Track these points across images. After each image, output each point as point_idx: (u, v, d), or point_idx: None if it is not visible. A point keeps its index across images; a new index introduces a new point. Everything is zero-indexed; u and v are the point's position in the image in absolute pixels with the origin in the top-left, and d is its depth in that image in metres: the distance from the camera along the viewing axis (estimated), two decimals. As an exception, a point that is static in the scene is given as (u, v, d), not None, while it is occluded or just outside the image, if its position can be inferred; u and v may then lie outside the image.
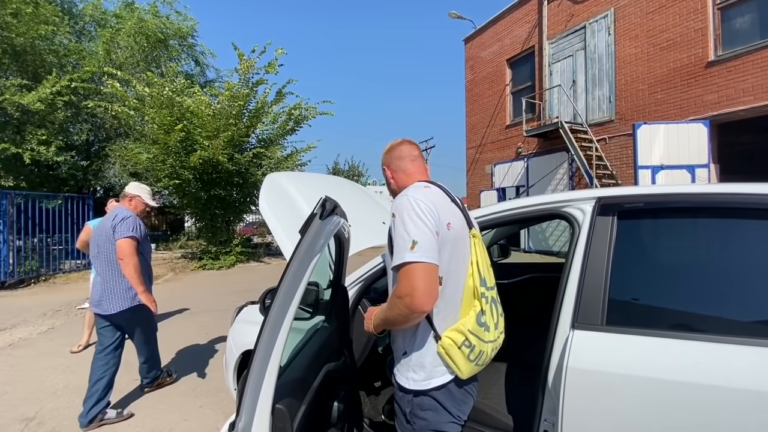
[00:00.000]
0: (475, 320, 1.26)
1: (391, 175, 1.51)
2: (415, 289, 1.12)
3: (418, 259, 1.13)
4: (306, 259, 1.10)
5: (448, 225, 1.24)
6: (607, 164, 10.32)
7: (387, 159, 1.53)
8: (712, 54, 8.67)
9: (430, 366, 1.24)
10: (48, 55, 11.25)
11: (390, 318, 1.24)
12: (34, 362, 4.23)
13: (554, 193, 1.69)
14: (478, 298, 1.29)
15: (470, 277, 1.30)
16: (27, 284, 9.12)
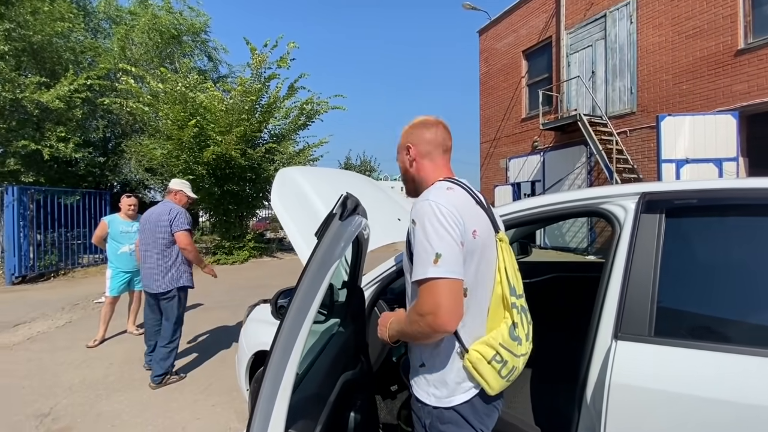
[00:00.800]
0: (508, 333, 1.14)
1: (414, 159, 1.30)
2: (438, 308, 1.01)
3: (442, 274, 1.02)
4: (323, 267, 0.99)
5: (474, 233, 1.11)
6: (627, 158, 10.00)
7: (416, 137, 1.29)
8: (741, 41, 8.28)
9: (453, 383, 1.13)
10: (65, 52, 11.37)
11: (408, 333, 1.13)
12: (51, 357, 4.25)
13: (590, 188, 1.55)
14: (509, 309, 1.17)
15: (498, 284, 1.18)
16: (47, 278, 9.28)
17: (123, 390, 3.40)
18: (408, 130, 1.33)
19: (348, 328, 1.53)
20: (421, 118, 1.34)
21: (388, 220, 2.76)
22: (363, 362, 1.54)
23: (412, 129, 1.32)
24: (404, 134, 1.34)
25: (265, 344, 2.29)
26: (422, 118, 1.33)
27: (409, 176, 1.33)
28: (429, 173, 1.29)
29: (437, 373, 1.14)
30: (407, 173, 1.33)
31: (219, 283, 8.69)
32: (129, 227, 4.68)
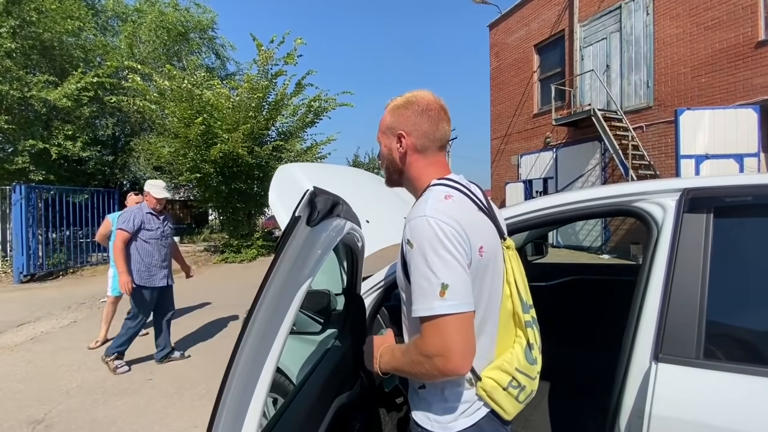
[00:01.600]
0: (524, 356, 0.98)
1: (405, 149, 1.05)
2: (449, 350, 0.84)
3: (451, 309, 0.84)
4: (288, 291, 0.77)
5: (480, 250, 0.93)
6: (644, 154, 9.69)
7: (411, 125, 1.05)
8: (762, 33, 7.93)
9: (458, 406, 0.96)
10: (75, 50, 11.40)
11: (409, 372, 0.96)
12: (52, 358, 4.17)
13: (621, 184, 1.37)
14: (521, 327, 1.01)
15: (508, 299, 1.01)
16: (55, 276, 9.30)
17: (120, 394, 3.30)
18: (401, 112, 1.07)
19: (346, 341, 1.37)
20: (419, 99, 1.06)
21: (394, 219, 2.59)
22: (363, 378, 1.38)
23: (408, 112, 1.06)
24: (395, 113, 1.08)
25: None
26: (422, 100, 1.06)
27: (395, 167, 1.11)
28: (421, 171, 1.07)
29: (440, 395, 0.97)
30: (393, 164, 1.11)
31: (227, 281, 8.64)
32: None
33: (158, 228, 3.80)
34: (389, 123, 1.10)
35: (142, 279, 3.66)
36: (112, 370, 3.69)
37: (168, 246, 3.93)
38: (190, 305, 6.27)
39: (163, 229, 3.87)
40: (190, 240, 16.76)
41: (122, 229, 3.58)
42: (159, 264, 3.77)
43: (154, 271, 3.73)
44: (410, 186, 1.13)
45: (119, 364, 3.72)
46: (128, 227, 3.59)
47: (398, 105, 1.09)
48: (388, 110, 1.11)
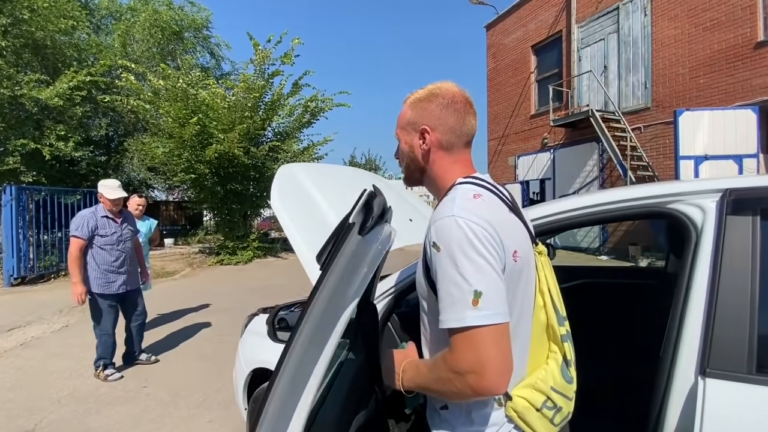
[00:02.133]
0: (560, 373, 0.89)
1: (430, 148, 0.97)
2: (484, 366, 0.74)
3: (485, 321, 0.74)
4: (334, 313, 0.69)
5: (515, 254, 0.84)
6: (642, 155, 9.68)
7: (436, 119, 0.96)
8: (761, 34, 7.94)
9: (483, 427, 0.87)
10: (68, 49, 11.21)
11: (437, 391, 0.86)
12: (43, 365, 4.04)
13: (654, 184, 1.29)
14: (557, 342, 0.92)
15: (541, 310, 0.92)
16: (47, 279, 9.12)
17: (114, 403, 3.18)
18: (424, 105, 0.98)
19: (359, 353, 1.27)
20: (443, 91, 0.97)
21: (400, 221, 2.51)
22: (377, 393, 1.28)
23: (432, 106, 0.97)
24: (417, 107, 0.99)
25: (264, 361, 2.05)
26: (446, 93, 0.97)
27: (416, 165, 1.02)
28: (445, 169, 0.98)
29: (465, 417, 0.88)
30: (414, 161, 1.02)
31: (222, 284, 8.51)
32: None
33: (114, 233, 3.55)
34: (410, 118, 1.00)
35: (99, 287, 3.47)
36: (104, 380, 3.57)
37: (127, 251, 3.66)
38: (183, 308, 6.14)
39: (121, 233, 3.61)
40: (184, 241, 16.57)
41: (75, 236, 3.35)
42: (116, 270, 3.54)
43: (112, 278, 3.52)
44: (432, 185, 1.04)
45: (109, 372, 3.60)
46: (82, 234, 3.36)
47: (420, 98, 0.99)
48: (409, 104, 1.02)
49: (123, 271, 3.62)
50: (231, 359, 4.02)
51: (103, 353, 3.61)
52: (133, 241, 3.84)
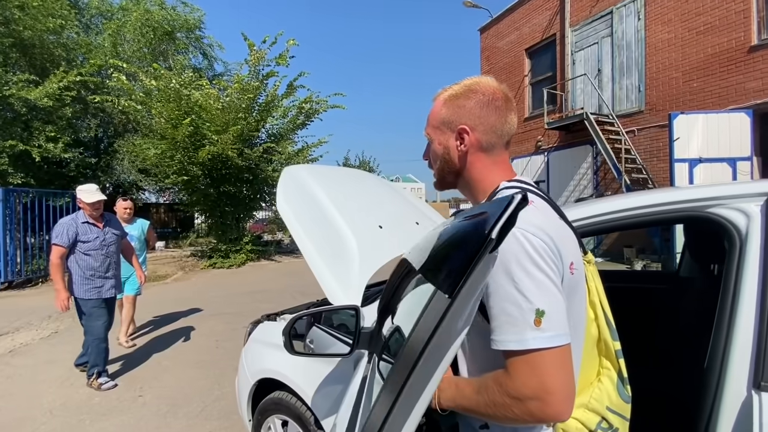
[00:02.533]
0: (616, 392, 0.83)
1: (468, 149, 0.90)
2: (549, 392, 0.67)
3: (550, 343, 0.68)
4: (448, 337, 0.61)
5: (571, 267, 0.77)
6: (636, 157, 9.74)
7: (476, 118, 0.88)
8: (755, 38, 8.03)
9: None
10: (56, 48, 10.99)
11: (486, 414, 0.77)
12: (33, 373, 3.90)
13: (691, 187, 1.24)
14: (610, 358, 0.86)
15: (592, 323, 0.86)
16: (34, 283, 8.89)
17: (109, 414, 3.06)
18: (462, 103, 0.90)
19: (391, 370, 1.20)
20: (483, 87, 0.89)
21: (407, 225, 2.44)
22: None
23: (470, 103, 0.89)
24: (453, 105, 0.91)
25: (270, 371, 1.97)
26: (486, 89, 0.89)
27: (451, 168, 0.95)
28: (485, 172, 0.92)
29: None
30: (449, 164, 0.94)
31: (215, 288, 8.36)
32: None
33: (97, 237, 3.49)
34: (445, 116, 0.93)
35: (86, 292, 3.41)
36: (97, 388, 3.44)
37: (112, 255, 3.60)
38: (178, 313, 6.01)
39: (104, 237, 3.55)
40: (176, 245, 16.32)
41: (56, 243, 3.33)
42: (103, 275, 3.50)
43: (99, 282, 3.46)
44: (469, 189, 0.98)
45: (103, 381, 3.48)
46: (62, 242, 3.32)
47: (456, 94, 0.92)
48: (443, 101, 0.94)
49: (110, 275, 3.57)
50: (229, 366, 3.93)
51: (96, 360, 3.48)
52: (119, 244, 3.76)
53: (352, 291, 1.76)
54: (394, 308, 1.22)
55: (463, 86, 0.93)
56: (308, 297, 6.59)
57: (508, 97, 0.92)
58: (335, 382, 1.64)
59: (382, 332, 1.22)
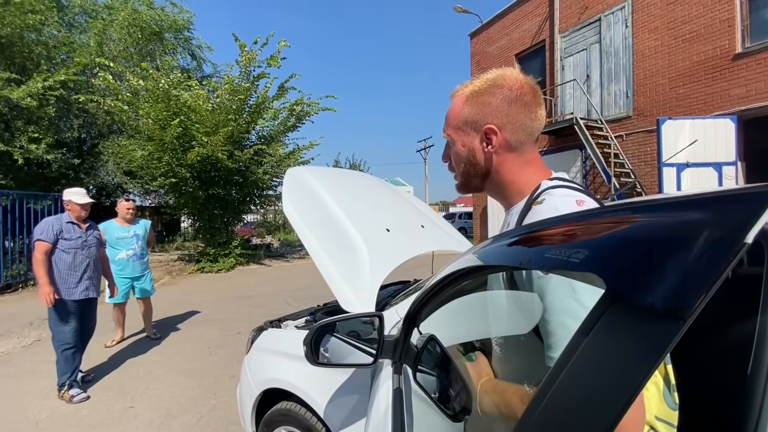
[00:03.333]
0: (663, 400, 0.79)
1: (497, 150, 0.85)
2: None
3: None
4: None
5: None
6: (624, 162, 9.91)
7: (504, 116, 0.83)
8: (739, 46, 8.26)
9: None
10: (37, 46, 10.67)
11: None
12: (16, 384, 3.72)
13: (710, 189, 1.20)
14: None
15: None
16: (14, 289, 8.56)
17: (98, 426, 2.92)
18: (486, 100, 0.84)
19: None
20: (509, 82, 0.83)
21: (412, 228, 2.39)
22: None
23: (496, 100, 0.83)
24: (477, 102, 0.84)
25: (278, 380, 1.89)
26: (513, 83, 0.83)
27: (478, 171, 0.89)
28: (516, 173, 0.87)
29: None
30: (475, 166, 0.89)
31: (204, 293, 8.17)
32: (126, 232, 4.64)
33: (79, 237, 3.54)
34: (468, 115, 0.87)
35: (60, 291, 3.37)
36: (69, 401, 3.28)
37: (91, 256, 3.62)
38: (167, 320, 5.84)
39: (86, 238, 3.60)
40: (161, 248, 15.97)
41: (41, 239, 3.35)
42: (79, 275, 3.49)
43: (73, 283, 3.45)
44: (499, 192, 0.92)
45: (74, 393, 3.32)
46: (47, 237, 3.35)
47: (480, 91, 0.85)
48: (464, 99, 0.88)
49: (86, 277, 3.53)
50: (223, 373, 3.82)
51: (65, 368, 3.34)
52: (99, 249, 3.79)
53: (365, 295, 1.71)
54: (423, 316, 1.17)
55: (487, 81, 0.86)
56: (301, 301, 6.52)
57: (536, 91, 0.87)
58: (350, 393, 1.57)
59: (411, 341, 1.17)
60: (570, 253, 0.46)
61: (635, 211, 0.49)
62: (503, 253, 0.69)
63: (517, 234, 0.70)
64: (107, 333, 4.81)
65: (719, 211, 0.35)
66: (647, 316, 0.36)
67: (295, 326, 2.24)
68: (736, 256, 0.31)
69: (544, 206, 0.78)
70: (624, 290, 0.39)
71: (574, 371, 0.42)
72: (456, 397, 0.87)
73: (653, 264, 0.36)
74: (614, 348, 0.39)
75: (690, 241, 0.34)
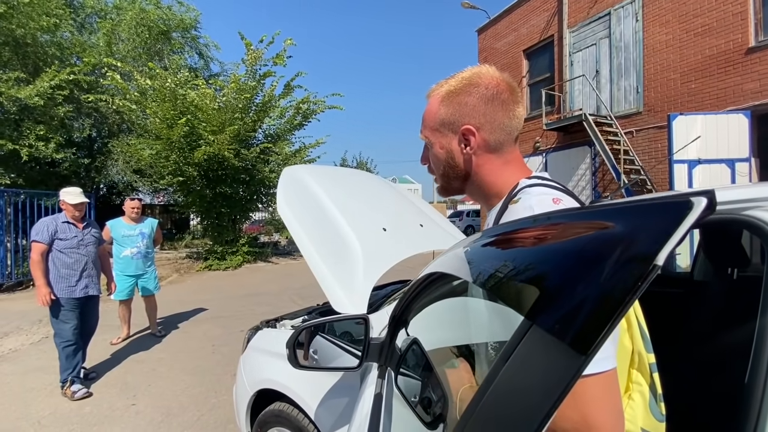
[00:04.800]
0: (649, 410, 0.74)
1: (475, 151, 0.82)
2: (592, 428, 0.54)
3: (594, 368, 0.55)
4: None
5: None
6: (634, 158, 9.72)
7: (481, 116, 0.80)
8: (752, 39, 8.03)
9: None
10: (50, 47, 10.83)
11: None
12: (21, 381, 3.77)
13: (723, 188, 1.16)
14: (643, 371, 0.76)
15: (625, 334, 0.76)
16: (25, 287, 8.71)
17: (100, 424, 2.95)
18: (462, 99, 0.81)
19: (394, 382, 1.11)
20: (485, 79, 0.80)
21: (411, 227, 2.36)
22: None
23: (472, 99, 0.80)
24: (453, 102, 0.82)
25: (270, 381, 1.87)
26: (489, 81, 0.80)
27: (457, 173, 0.86)
28: (496, 173, 0.83)
29: None
30: (455, 168, 0.86)
31: (211, 291, 8.23)
32: (132, 230, 4.71)
33: (75, 236, 3.57)
34: (444, 116, 0.83)
35: (59, 290, 3.41)
36: (71, 397, 3.32)
37: (89, 255, 3.65)
38: (173, 317, 5.89)
39: (83, 237, 3.62)
40: (171, 246, 16.13)
41: (36, 241, 3.39)
42: (77, 274, 3.52)
43: (73, 281, 3.49)
44: (479, 193, 0.89)
45: (75, 389, 3.37)
46: (42, 238, 3.39)
47: (455, 90, 0.82)
48: (439, 99, 0.84)
49: (85, 275, 3.57)
50: (225, 372, 3.83)
51: (66, 365, 3.39)
52: (97, 247, 3.81)
53: (357, 297, 1.68)
54: (408, 320, 1.14)
55: (462, 80, 0.83)
56: (306, 300, 6.52)
57: (513, 88, 0.83)
58: (340, 395, 1.55)
59: (396, 344, 1.14)
60: (498, 269, 0.42)
61: (567, 219, 0.44)
62: (455, 261, 0.66)
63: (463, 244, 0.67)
64: (113, 330, 4.87)
65: (632, 225, 0.30)
66: (554, 346, 0.32)
67: (291, 326, 2.23)
68: (645, 281, 0.26)
69: (519, 205, 0.75)
70: (536, 315, 0.35)
71: (494, 398, 0.39)
72: (434, 404, 0.84)
73: (559, 287, 0.32)
74: (526, 376, 0.36)
75: (597, 261, 0.30)
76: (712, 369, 1.38)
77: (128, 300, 4.75)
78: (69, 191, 3.62)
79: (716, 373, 1.35)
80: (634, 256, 0.28)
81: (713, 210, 0.25)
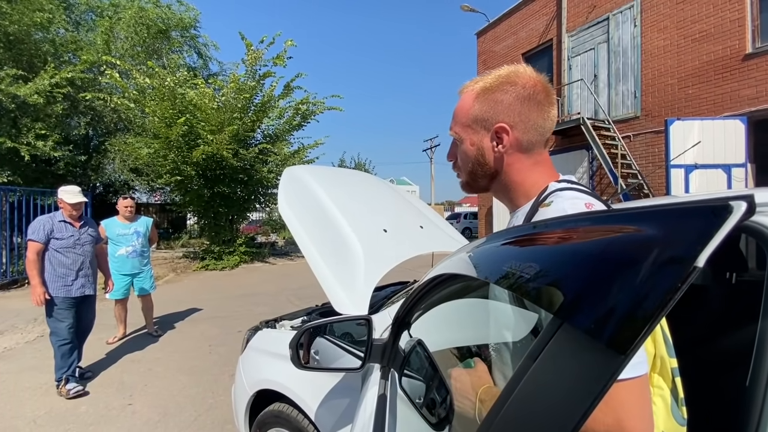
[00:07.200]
0: (670, 414, 0.74)
1: (507, 149, 0.82)
2: (628, 430, 0.53)
3: (629, 373, 0.55)
4: None
5: None
6: (632, 163, 9.78)
7: (516, 115, 0.80)
8: (750, 46, 8.11)
9: None
10: (44, 44, 10.78)
11: None
12: (16, 380, 3.74)
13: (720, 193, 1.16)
14: (665, 376, 0.76)
15: (648, 338, 0.77)
16: (20, 285, 8.64)
17: (96, 423, 2.93)
18: (498, 97, 0.81)
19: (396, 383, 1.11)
20: (522, 79, 0.80)
21: (411, 228, 2.36)
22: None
23: (508, 98, 0.80)
24: (488, 99, 0.81)
25: (270, 381, 1.87)
26: (526, 80, 0.80)
27: (485, 171, 0.86)
28: (525, 174, 0.84)
29: None
30: (483, 166, 0.86)
31: (208, 291, 8.20)
32: (126, 229, 4.69)
33: (72, 236, 3.54)
34: (478, 113, 0.83)
35: (56, 290, 3.40)
36: (65, 396, 3.30)
37: (86, 254, 3.64)
38: (169, 317, 5.86)
39: (79, 236, 3.60)
40: (167, 246, 16.06)
41: (32, 240, 3.36)
42: (74, 273, 3.50)
43: (69, 280, 3.47)
44: (506, 193, 0.89)
45: (70, 387, 3.33)
46: (38, 237, 3.37)
47: (491, 87, 0.82)
48: (474, 95, 0.84)
49: (81, 274, 3.55)
50: (223, 372, 3.81)
51: (61, 364, 3.37)
52: (94, 246, 3.80)
53: (358, 298, 1.68)
54: (411, 321, 1.14)
55: (498, 77, 0.83)
56: (304, 300, 6.51)
57: (548, 90, 0.83)
58: (341, 396, 1.54)
59: (399, 345, 1.14)
60: (523, 268, 0.42)
61: (595, 222, 0.44)
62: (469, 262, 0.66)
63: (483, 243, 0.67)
64: (109, 330, 4.84)
65: (671, 227, 0.30)
66: (589, 346, 0.32)
67: (290, 326, 2.22)
68: (685, 283, 0.26)
69: (551, 208, 0.75)
70: (568, 314, 0.35)
71: (521, 397, 0.38)
72: (439, 405, 0.84)
73: (595, 287, 0.33)
74: (557, 376, 0.36)
75: (635, 263, 0.30)
76: (711, 373, 1.38)
77: (124, 299, 4.73)
78: (67, 190, 3.59)
79: (716, 378, 1.36)
80: (674, 257, 0.28)
81: (752, 214, 0.26)
